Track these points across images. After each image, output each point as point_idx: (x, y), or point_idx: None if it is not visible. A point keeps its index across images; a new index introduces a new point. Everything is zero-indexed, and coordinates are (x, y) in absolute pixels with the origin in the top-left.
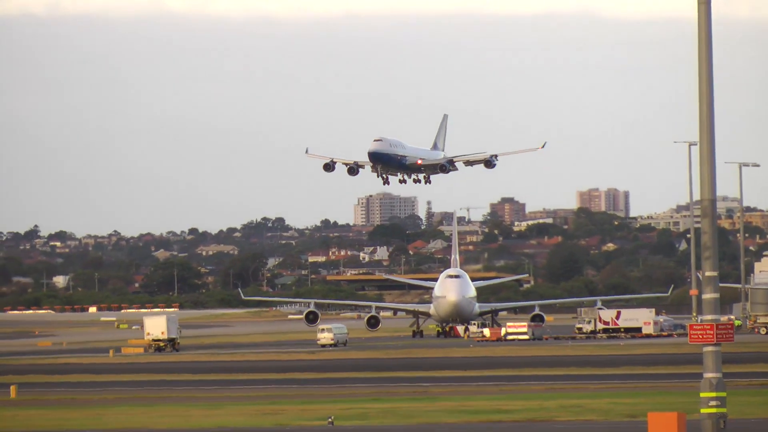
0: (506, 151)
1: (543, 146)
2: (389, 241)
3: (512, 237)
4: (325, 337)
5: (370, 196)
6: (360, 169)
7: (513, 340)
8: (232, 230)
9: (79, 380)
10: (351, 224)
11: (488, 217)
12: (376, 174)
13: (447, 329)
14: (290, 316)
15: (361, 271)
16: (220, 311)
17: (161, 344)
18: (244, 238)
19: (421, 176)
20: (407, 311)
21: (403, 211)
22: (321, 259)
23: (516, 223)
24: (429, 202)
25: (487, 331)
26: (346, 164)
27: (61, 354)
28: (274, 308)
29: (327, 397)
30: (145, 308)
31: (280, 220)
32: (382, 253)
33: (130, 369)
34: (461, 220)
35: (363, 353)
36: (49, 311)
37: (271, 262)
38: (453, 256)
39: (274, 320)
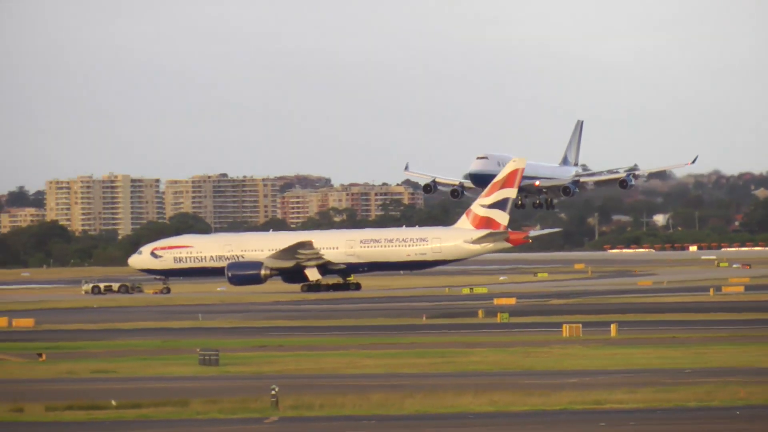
0: (644, 170)
1: (693, 161)
2: None
3: None
4: None
5: None
6: (465, 192)
7: None
8: None
9: (678, 319)
10: None
11: None
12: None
13: None
14: None
15: None
16: None
17: None
18: None
19: (541, 199)
20: None
21: None
22: None
23: None
24: None
25: None
26: (451, 185)
27: (660, 293)
28: None
29: None
30: (745, 247)
31: None
32: None
33: (729, 308)
34: None
35: None
36: (648, 250)
37: None
38: None
39: None
